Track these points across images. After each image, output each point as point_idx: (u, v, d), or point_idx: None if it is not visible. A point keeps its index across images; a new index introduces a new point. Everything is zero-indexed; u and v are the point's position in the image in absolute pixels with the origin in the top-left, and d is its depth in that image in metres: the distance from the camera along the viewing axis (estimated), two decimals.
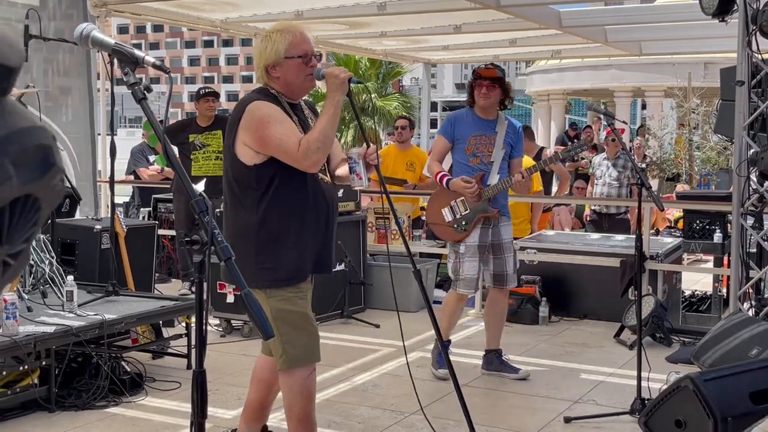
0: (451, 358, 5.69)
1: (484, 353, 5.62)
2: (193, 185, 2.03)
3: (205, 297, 2.06)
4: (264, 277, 3.41)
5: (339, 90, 3.37)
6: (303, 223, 3.44)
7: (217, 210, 5.20)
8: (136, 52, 2.09)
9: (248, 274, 3.29)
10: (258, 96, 3.47)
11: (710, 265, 8.49)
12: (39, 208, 1.01)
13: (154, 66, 2.10)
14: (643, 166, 14.14)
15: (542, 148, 9.67)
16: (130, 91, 1.99)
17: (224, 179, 3.52)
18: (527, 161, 8.23)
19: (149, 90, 2.06)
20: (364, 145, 3.55)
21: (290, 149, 3.31)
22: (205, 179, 7.62)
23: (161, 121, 2.25)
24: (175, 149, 7.76)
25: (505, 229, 5.54)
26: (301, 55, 3.43)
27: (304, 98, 3.68)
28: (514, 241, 7.57)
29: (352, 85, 3.42)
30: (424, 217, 10.00)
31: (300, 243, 3.44)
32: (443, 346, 3.79)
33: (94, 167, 6.12)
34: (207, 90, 7.97)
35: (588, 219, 9.82)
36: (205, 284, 2.06)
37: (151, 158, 9.00)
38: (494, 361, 5.55)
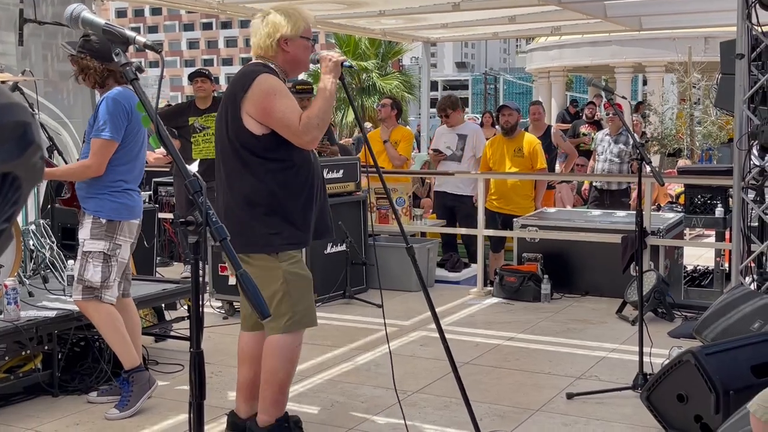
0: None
1: None
2: (187, 166, 2.01)
3: (201, 277, 2.05)
4: (276, 242, 3.58)
5: (332, 72, 3.59)
6: (307, 194, 3.64)
7: None
8: (127, 32, 2.07)
9: (258, 238, 3.55)
10: (263, 69, 3.58)
11: (712, 239, 8.49)
12: (19, 187, 1.00)
13: (146, 46, 2.08)
14: (643, 142, 14.10)
15: (549, 126, 9.64)
16: (121, 71, 1.98)
17: (228, 147, 3.58)
18: (533, 140, 8.20)
19: (141, 70, 2.04)
20: None
21: (292, 123, 3.48)
22: (198, 160, 7.58)
23: (161, 107, 2.22)
24: (175, 133, 7.75)
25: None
26: (312, 39, 3.73)
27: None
28: (517, 219, 7.60)
29: (344, 68, 3.63)
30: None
31: (305, 211, 3.64)
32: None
33: None
34: (195, 72, 8.14)
35: (588, 195, 9.80)
36: (201, 264, 2.05)
37: None
38: None
